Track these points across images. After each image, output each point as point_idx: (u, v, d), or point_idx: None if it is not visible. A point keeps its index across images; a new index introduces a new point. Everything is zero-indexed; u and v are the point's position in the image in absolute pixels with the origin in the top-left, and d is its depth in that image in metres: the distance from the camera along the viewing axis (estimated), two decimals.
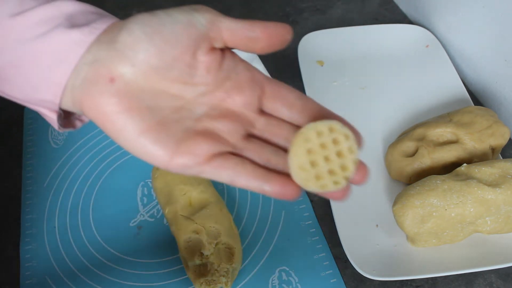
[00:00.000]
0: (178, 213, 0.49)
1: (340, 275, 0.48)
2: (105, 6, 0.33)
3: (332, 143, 0.28)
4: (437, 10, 0.70)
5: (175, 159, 0.28)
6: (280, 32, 0.30)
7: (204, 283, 0.46)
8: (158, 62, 0.27)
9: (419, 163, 0.52)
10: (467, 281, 0.48)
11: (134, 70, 0.27)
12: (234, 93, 0.30)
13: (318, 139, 0.28)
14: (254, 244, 0.51)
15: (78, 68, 0.27)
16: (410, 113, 0.61)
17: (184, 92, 0.29)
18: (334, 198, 0.29)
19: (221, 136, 0.29)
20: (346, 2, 0.80)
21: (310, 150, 0.28)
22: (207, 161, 0.28)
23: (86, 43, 0.27)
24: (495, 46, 0.60)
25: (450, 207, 0.45)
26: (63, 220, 0.53)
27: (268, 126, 0.30)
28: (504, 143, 0.53)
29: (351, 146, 0.28)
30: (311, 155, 0.28)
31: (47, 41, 0.27)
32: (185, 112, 0.29)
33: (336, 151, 0.28)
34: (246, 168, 0.28)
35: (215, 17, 0.29)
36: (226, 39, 0.29)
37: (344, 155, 0.28)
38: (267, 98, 0.31)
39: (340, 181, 0.28)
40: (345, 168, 0.28)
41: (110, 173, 0.57)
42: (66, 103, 0.28)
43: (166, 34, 0.28)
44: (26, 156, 0.59)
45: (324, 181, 0.28)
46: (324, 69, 0.67)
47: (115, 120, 0.27)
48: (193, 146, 0.28)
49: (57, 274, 0.49)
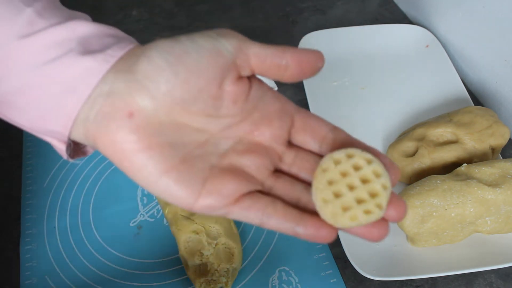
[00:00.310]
0: (178, 213, 0.49)
1: (340, 275, 0.48)
2: (105, 6, 0.33)
3: (353, 169, 0.25)
4: (437, 10, 0.70)
5: (201, 200, 0.26)
6: (311, 60, 0.27)
7: (204, 283, 0.46)
8: (181, 94, 0.25)
9: (419, 163, 0.52)
10: (467, 281, 0.48)
11: (155, 103, 0.25)
12: (262, 125, 0.28)
13: (336, 168, 0.25)
14: (254, 244, 0.51)
15: (92, 100, 0.25)
16: (410, 113, 0.61)
17: (209, 125, 0.27)
18: (371, 238, 0.26)
19: (249, 174, 0.27)
20: (346, 2, 0.80)
21: (331, 180, 0.25)
22: (235, 202, 0.26)
23: (100, 72, 0.25)
24: (495, 46, 0.60)
25: (450, 207, 0.45)
26: (63, 220, 0.53)
27: (297, 160, 0.28)
28: (504, 143, 0.53)
29: (376, 169, 0.25)
30: (333, 186, 0.25)
31: (57, 68, 0.25)
32: (210, 147, 0.27)
33: (360, 177, 0.25)
34: (276, 209, 0.26)
35: (242, 43, 0.26)
36: (254, 67, 0.27)
37: (370, 179, 0.25)
38: (297, 130, 0.28)
39: (372, 210, 0.25)
40: (375, 194, 0.25)
41: (110, 173, 0.57)
42: (77, 135, 0.26)
43: (190, 63, 0.25)
44: (26, 156, 0.59)
45: (354, 212, 0.25)
46: (324, 69, 0.67)
47: (135, 159, 0.25)
48: (220, 186, 0.26)
49: (57, 274, 0.49)
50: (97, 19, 0.29)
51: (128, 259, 0.50)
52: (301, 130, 0.28)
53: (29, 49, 0.25)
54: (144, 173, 0.25)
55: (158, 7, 0.81)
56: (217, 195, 0.26)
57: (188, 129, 0.26)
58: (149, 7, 0.80)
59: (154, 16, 0.79)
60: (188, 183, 0.25)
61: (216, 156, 0.27)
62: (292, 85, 0.66)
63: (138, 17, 0.78)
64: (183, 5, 0.81)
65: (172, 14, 0.79)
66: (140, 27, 0.76)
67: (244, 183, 0.26)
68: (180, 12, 0.80)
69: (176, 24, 0.77)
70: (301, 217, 0.26)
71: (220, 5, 0.81)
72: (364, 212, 0.25)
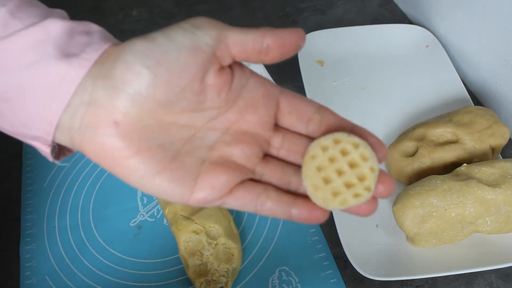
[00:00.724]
0: (178, 213, 0.49)
1: (340, 275, 0.48)
2: (105, 6, 0.33)
3: (341, 154, 0.26)
4: (437, 10, 0.70)
5: (195, 195, 0.26)
6: (292, 39, 0.27)
7: (204, 283, 0.46)
8: (164, 96, 0.25)
9: (419, 163, 0.52)
10: (467, 281, 0.48)
11: (138, 108, 0.25)
12: (247, 113, 0.28)
13: (324, 154, 0.26)
14: (254, 244, 0.51)
15: (74, 108, 0.25)
16: (410, 113, 0.61)
17: (194, 120, 0.27)
18: (361, 214, 0.27)
19: (239, 163, 0.27)
20: (346, 2, 0.80)
21: (320, 167, 0.26)
22: (228, 193, 0.26)
23: (77, 78, 0.25)
24: (495, 46, 0.60)
25: (450, 207, 0.45)
26: (63, 220, 0.53)
27: (285, 144, 0.28)
28: (504, 143, 0.53)
29: (364, 153, 0.26)
30: (322, 172, 0.26)
31: (34, 74, 0.25)
32: (198, 141, 0.27)
33: (348, 162, 0.26)
34: (269, 196, 0.27)
35: (221, 32, 0.26)
36: (235, 55, 0.26)
37: (358, 163, 0.26)
38: (282, 113, 0.28)
39: (361, 193, 0.26)
40: (363, 178, 0.26)
41: (110, 173, 0.57)
42: (62, 141, 0.26)
43: (170, 64, 0.25)
44: (26, 156, 0.59)
45: (343, 196, 0.26)
46: (324, 69, 0.67)
47: (126, 165, 0.25)
48: (212, 180, 0.26)
49: (57, 274, 0.49)
50: (97, 19, 0.29)
51: (128, 259, 0.50)
52: (287, 113, 0.28)
53: (5, 53, 0.25)
54: (136, 176, 0.25)
55: (158, 7, 0.81)
56: (210, 188, 0.26)
57: (175, 128, 0.26)
58: (149, 7, 0.80)
59: (154, 16, 0.79)
60: (181, 181, 0.26)
61: (205, 150, 0.27)
62: (292, 85, 0.66)
63: (138, 17, 0.78)
64: (183, 5, 0.81)
65: (172, 14, 0.79)
66: (140, 27, 0.76)
67: (235, 174, 0.27)
68: (180, 12, 0.80)
69: None
70: (294, 201, 0.27)
71: (220, 5, 0.81)
72: (353, 196, 0.26)
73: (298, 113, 0.28)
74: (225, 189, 0.26)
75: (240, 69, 0.28)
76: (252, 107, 0.28)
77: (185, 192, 0.26)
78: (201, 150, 0.27)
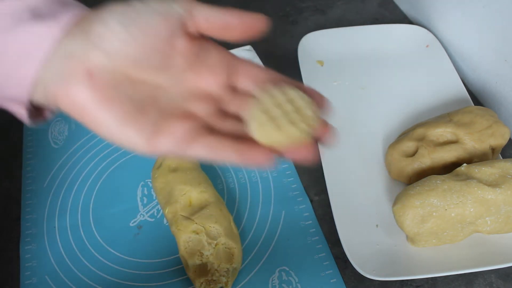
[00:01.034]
0: (178, 213, 0.49)
1: (340, 275, 0.48)
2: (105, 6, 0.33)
3: (286, 101, 0.29)
4: (437, 10, 0.70)
5: (155, 143, 0.28)
6: (255, 22, 0.30)
7: (204, 283, 0.46)
8: (135, 53, 0.28)
9: (419, 163, 0.52)
10: (467, 281, 0.48)
11: (110, 61, 0.27)
12: (207, 75, 0.31)
13: (272, 100, 0.29)
14: (254, 244, 0.51)
15: (50, 63, 0.27)
16: (410, 113, 0.61)
17: (161, 79, 0.30)
18: (300, 158, 0.30)
19: (198, 116, 0.30)
20: (346, 2, 0.80)
21: (266, 110, 0.29)
22: (185, 141, 0.29)
23: (54, 36, 0.27)
24: (495, 46, 0.60)
25: (450, 207, 0.45)
26: (63, 220, 0.53)
27: (239, 102, 0.32)
28: (504, 143, 0.53)
29: (308, 101, 0.29)
30: (267, 113, 0.29)
31: (11, 36, 0.27)
32: (162, 97, 0.30)
33: (293, 108, 0.29)
34: (224, 144, 0.29)
35: (192, 6, 0.29)
36: (202, 27, 0.30)
37: (302, 107, 0.29)
38: (240, 77, 0.32)
39: (303, 128, 0.28)
40: (306, 118, 0.28)
41: (110, 173, 0.57)
42: (38, 97, 0.28)
43: (143, 24, 0.28)
44: (26, 156, 0.59)
45: (286, 130, 0.28)
46: (324, 69, 0.67)
47: (94, 112, 0.27)
48: (173, 129, 0.29)
49: (57, 274, 0.49)
50: None
51: (128, 259, 0.50)
52: (244, 77, 0.32)
53: None
54: (104, 126, 0.28)
55: None
56: (172, 138, 0.29)
57: (142, 84, 0.29)
58: None
59: None
60: (145, 131, 0.28)
61: (167, 105, 0.30)
62: None
63: None
64: None
65: None
66: None
67: (194, 125, 0.29)
68: None
69: None
70: (246, 147, 0.30)
71: (220, 5, 0.81)
72: (296, 130, 0.28)
73: (254, 76, 0.32)
74: (186, 138, 0.29)
75: (205, 41, 0.31)
76: (211, 70, 0.31)
77: (147, 142, 0.28)
78: (165, 105, 0.30)
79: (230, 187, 0.56)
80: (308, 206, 0.54)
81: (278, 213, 0.53)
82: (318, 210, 0.53)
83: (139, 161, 0.58)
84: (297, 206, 0.54)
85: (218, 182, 0.56)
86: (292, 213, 0.53)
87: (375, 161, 0.56)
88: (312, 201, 0.54)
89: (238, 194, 0.55)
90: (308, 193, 0.55)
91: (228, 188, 0.56)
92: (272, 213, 0.53)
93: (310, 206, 0.54)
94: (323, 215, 0.53)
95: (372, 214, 0.51)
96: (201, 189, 0.50)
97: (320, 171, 0.55)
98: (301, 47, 0.67)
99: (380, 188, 0.54)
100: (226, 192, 0.55)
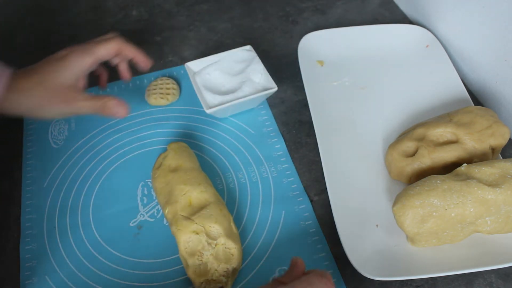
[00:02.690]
0: (178, 213, 0.49)
1: (340, 275, 0.48)
2: (105, 6, 0.33)
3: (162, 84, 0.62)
4: (437, 10, 0.70)
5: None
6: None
7: (204, 283, 0.46)
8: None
9: (419, 163, 0.52)
10: (467, 281, 0.48)
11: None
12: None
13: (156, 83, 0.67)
14: (254, 244, 0.51)
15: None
16: (410, 113, 0.61)
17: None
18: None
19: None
20: (346, 2, 0.80)
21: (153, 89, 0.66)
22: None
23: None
24: (495, 46, 0.60)
25: (450, 207, 0.45)
26: (63, 220, 0.53)
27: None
28: (504, 143, 0.53)
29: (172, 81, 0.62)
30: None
31: None
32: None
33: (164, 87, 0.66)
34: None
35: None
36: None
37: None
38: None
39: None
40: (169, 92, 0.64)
41: (110, 173, 0.57)
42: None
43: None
44: (26, 156, 0.59)
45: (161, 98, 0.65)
46: (324, 69, 0.67)
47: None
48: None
49: (57, 274, 0.49)
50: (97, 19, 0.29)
51: (128, 259, 0.50)
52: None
53: None
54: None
55: (158, 7, 0.81)
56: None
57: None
58: (149, 7, 0.80)
59: (154, 16, 0.79)
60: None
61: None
62: (292, 85, 0.66)
63: (138, 17, 0.78)
64: (183, 5, 0.81)
65: (172, 14, 0.79)
66: (140, 27, 0.76)
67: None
68: (180, 12, 0.80)
69: (176, 24, 0.77)
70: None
71: (220, 5, 0.81)
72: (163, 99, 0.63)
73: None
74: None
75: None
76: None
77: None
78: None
79: (230, 187, 0.56)
80: (308, 206, 0.54)
81: (278, 213, 0.53)
82: (318, 210, 0.53)
83: (139, 161, 0.58)
84: (297, 206, 0.54)
85: (218, 182, 0.56)
86: (292, 213, 0.53)
87: (375, 161, 0.56)
88: (312, 201, 0.54)
89: (238, 194, 0.55)
90: (308, 193, 0.55)
91: (228, 188, 0.55)
92: (272, 213, 0.53)
93: (310, 206, 0.54)
94: (323, 215, 0.53)
95: (372, 214, 0.51)
96: (201, 189, 0.50)
97: (320, 171, 0.55)
98: (301, 47, 0.67)
99: (380, 188, 0.54)
100: (226, 192, 0.55)
